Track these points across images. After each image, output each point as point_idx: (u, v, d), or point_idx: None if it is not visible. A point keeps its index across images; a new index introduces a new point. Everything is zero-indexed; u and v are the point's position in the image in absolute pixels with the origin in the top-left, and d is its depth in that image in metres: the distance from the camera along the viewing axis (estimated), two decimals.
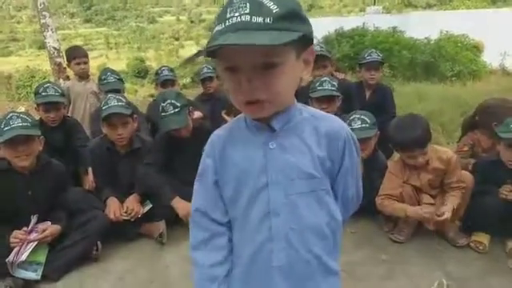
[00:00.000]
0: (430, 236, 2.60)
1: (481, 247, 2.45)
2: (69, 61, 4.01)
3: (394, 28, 11.60)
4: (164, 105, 2.71)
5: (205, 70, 4.15)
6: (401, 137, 2.47)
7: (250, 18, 0.80)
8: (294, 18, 0.84)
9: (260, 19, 0.80)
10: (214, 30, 0.85)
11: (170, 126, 2.68)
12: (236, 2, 0.83)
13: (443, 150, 2.56)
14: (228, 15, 0.82)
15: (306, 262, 1.00)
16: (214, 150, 1.04)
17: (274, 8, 0.81)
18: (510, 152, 2.38)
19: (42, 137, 2.47)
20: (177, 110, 2.69)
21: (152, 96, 8.87)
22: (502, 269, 2.31)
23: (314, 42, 0.97)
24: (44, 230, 2.37)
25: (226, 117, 3.52)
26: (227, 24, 0.82)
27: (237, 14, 0.81)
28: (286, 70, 0.87)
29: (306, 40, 0.89)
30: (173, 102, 2.70)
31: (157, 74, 4.31)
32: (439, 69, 10.44)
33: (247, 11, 0.81)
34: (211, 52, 0.88)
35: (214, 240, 1.05)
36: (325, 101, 3.00)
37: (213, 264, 1.04)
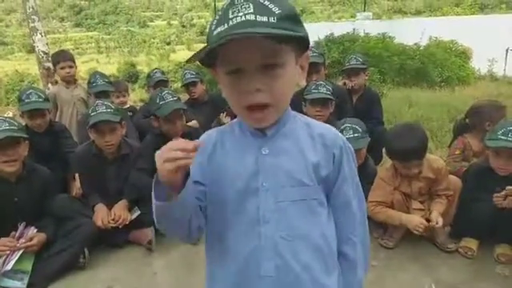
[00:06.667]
0: (419, 242, 2.61)
1: (469, 253, 2.47)
2: (54, 65, 3.97)
3: (384, 34, 11.71)
4: (162, 94, 2.87)
5: (188, 75, 4.10)
6: (398, 146, 2.44)
7: (255, 17, 0.80)
8: (295, 20, 0.85)
9: (265, 18, 0.80)
10: (215, 32, 0.83)
11: (173, 106, 2.79)
12: (238, 3, 0.82)
13: (434, 159, 2.57)
14: (231, 16, 0.81)
15: (295, 274, 0.95)
16: (203, 150, 0.98)
17: (276, 9, 0.82)
18: (498, 160, 2.38)
19: (27, 142, 2.44)
20: (175, 98, 2.87)
21: (143, 100, 8.81)
22: (491, 274, 2.32)
23: None
24: (31, 239, 2.34)
25: (224, 119, 3.45)
26: (231, 24, 0.81)
27: (240, 14, 0.80)
28: (287, 72, 0.88)
29: (304, 44, 0.90)
30: (171, 92, 2.93)
31: (149, 76, 4.39)
32: (428, 75, 10.54)
33: (251, 11, 0.80)
34: (210, 60, 0.88)
35: None
36: (319, 104, 3.00)
37: None
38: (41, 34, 7.18)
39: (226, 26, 0.81)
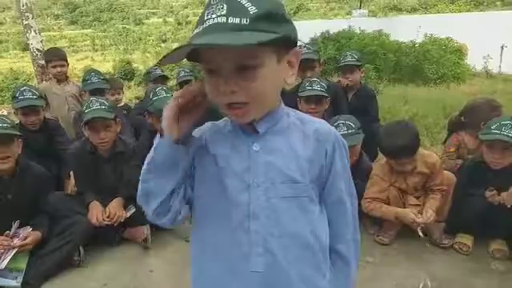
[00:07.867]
0: (414, 238, 2.61)
1: (464, 249, 2.48)
2: (46, 63, 3.97)
3: (380, 31, 11.73)
4: (156, 90, 2.88)
5: (182, 73, 4.09)
6: (389, 144, 2.47)
7: (226, 20, 0.79)
8: (272, 19, 0.82)
9: (236, 20, 0.78)
10: (193, 34, 0.83)
11: (166, 101, 2.70)
12: (213, 4, 0.81)
13: (428, 154, 2.58)
14: (206, 17, 0.81)
15: (284, 271, 0.94)
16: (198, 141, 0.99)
17: (252, 9, 0.79)
18: (491, 153, 2.40)
19: (20, 139, 2.43)
20: (169, 94, 2.86)
21: (138, 98, 8.78)
22: (486, 270, 2.34)
23: (300, 44, 0.96)
24: (25, 238, 2.32)
25: None
26: (204, 26, 0.80)
27: (214, 16, 0.80)
28: (264, 73, 0.85)
29: (289, 42, 0.88)
30: (165, 89, 2.94)
31: (148, 72, 4.38)
32: (424, 72, 10.58)
33: (224, 12, 0.79)
34: (195, 54, 0.87)
35: None
36: (313, 101, 3.00)
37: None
38: (35, 31, 7.11)
39: (200, 28, 0.81)
